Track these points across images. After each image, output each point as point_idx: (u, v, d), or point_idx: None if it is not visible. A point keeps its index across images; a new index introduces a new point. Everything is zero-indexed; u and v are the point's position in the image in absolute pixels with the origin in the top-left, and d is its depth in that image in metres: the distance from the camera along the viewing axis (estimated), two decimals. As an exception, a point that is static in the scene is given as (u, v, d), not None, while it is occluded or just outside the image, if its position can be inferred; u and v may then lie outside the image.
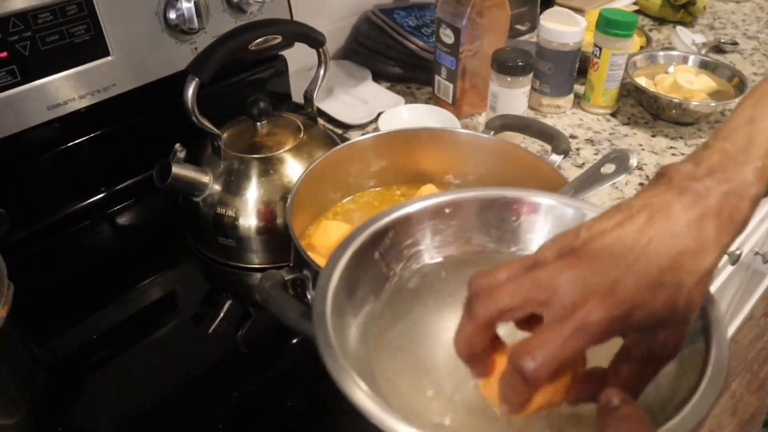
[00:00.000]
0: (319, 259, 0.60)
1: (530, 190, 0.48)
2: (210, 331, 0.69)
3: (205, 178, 0.73)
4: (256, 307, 0.73)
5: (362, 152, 0.72)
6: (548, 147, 0.73)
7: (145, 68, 0.79)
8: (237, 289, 0.76)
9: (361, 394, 0.33)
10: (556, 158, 0.70)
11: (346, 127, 1.01)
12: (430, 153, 0.75)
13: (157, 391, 0.63)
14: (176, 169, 0.70)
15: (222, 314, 0.72)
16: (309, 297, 0.56)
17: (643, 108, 1.05)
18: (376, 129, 0.97)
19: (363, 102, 1.05)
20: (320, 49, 0.76)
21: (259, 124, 0.76)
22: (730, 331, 1.72)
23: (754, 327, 2.00)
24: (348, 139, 0.97)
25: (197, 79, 0.66)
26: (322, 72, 0.78)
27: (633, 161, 0.59)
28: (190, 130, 0.70)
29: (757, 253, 1.39)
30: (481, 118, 1.04)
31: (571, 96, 1.04)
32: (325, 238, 0.68)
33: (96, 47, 0.74)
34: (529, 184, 0.61)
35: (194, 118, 0.69)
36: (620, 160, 0.59)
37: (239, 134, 0.77)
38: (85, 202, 0.81)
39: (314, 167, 0.67)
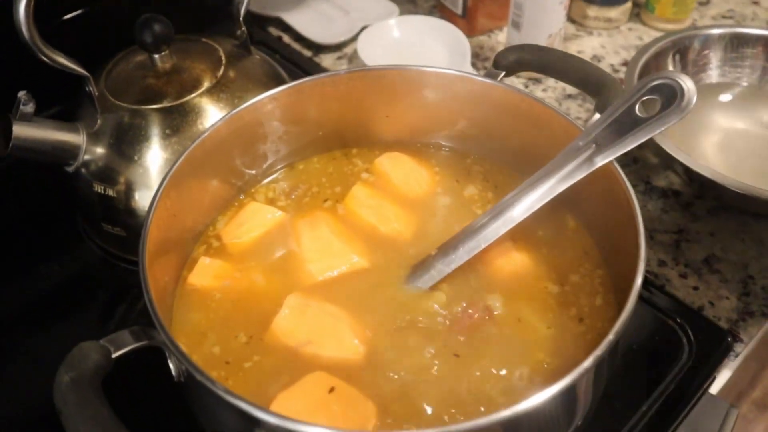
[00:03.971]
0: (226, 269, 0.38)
1: None
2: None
3: (77, 139, 0.50)
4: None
5: (296, 105, 0.46)
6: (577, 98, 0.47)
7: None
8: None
9: None
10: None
11: (317, 48, 0.76)
12: (401, 104, 0.49)
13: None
14: (20, 129, 0.47)
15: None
16: (175, 372, 0.33)
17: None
18: (355, 53, 0.72)
19: (344, 12, 0.80)
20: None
21: (157, 57, 0.52)
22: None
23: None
24: (318, 66, 0.73)
25: (28, -9, 0.42)
26: (250, -24, 0.53)
27: (689, 92, 0.34)
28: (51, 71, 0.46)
29: None
30: (502, 36, 0.77)
31: (629, 5, 0.76)
32: (243, 229, 0.46)
33: None
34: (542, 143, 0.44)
35: (40, 54, 0.45)
36: (665, 90, 0.34)
37: (129, 74, 0.53)
38: None
39: (207, 137, 0.42)
